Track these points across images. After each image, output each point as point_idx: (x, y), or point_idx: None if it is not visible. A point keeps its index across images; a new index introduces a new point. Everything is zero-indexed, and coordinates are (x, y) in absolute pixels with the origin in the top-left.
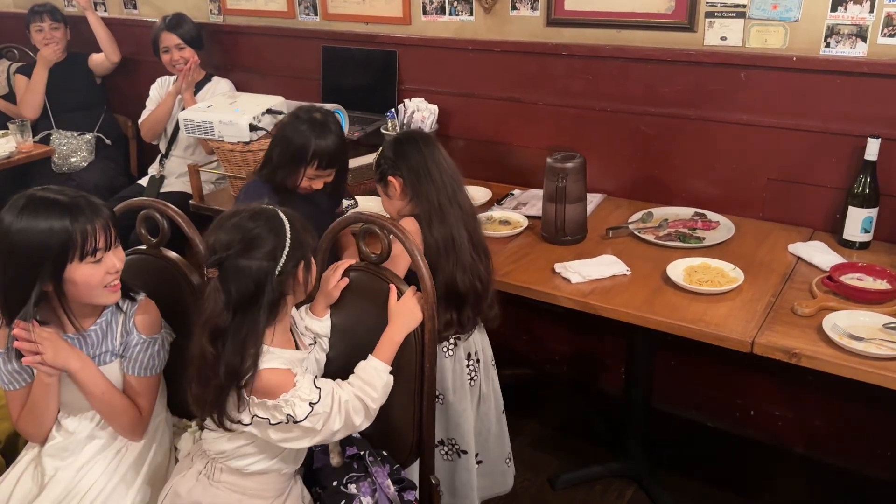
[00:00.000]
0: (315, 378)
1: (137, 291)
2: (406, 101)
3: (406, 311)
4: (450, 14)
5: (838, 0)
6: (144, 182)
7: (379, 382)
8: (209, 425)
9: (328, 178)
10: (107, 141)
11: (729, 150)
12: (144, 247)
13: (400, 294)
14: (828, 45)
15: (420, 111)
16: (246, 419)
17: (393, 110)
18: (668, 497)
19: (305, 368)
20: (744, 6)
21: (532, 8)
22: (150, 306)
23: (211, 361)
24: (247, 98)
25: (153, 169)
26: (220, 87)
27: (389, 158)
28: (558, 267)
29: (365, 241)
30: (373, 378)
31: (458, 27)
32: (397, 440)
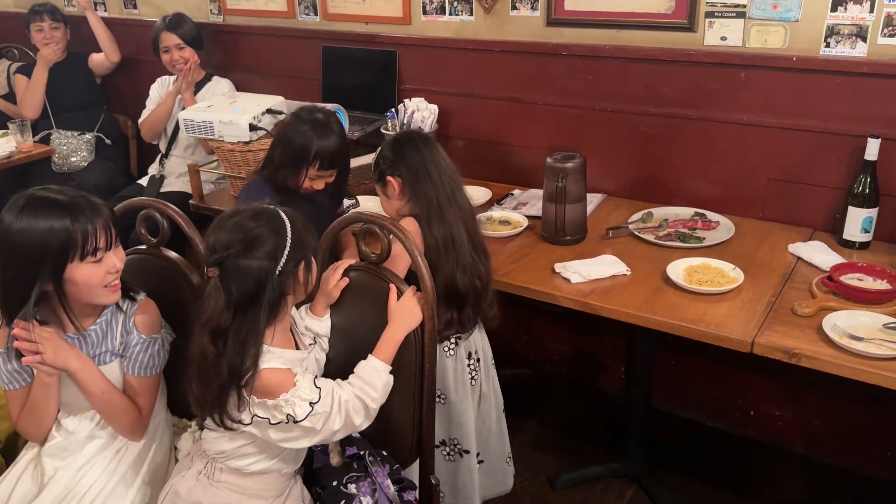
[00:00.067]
0: (315, 378)
1: (137, 291)
2: (406, 101)
3: (406, 311)
4: (450, 14)
5: (838, 0)
6: (144, 182)
7: (379, 382)
8: (209, 425)
9: (329, 179)
10: (107, 141)
11: (729, 150)
12: (144, 246)
13: (400, 294)
14: (828, 45)
15: (420, 111)
16: (246, 419)
17: (393, 110)
18: (668, 497)
19: (305, 368)
20: (744, 6)
21: (532, 8)
22: (150, 306)
23: (211, 361)
24: (247, 98)
25: (153, 169)
26: (220, 87)
27: (388, 159)
28: (558, 267)
29: (365, 241)
30: (373, 378)
31: (458, 27)
32: (397, 440)
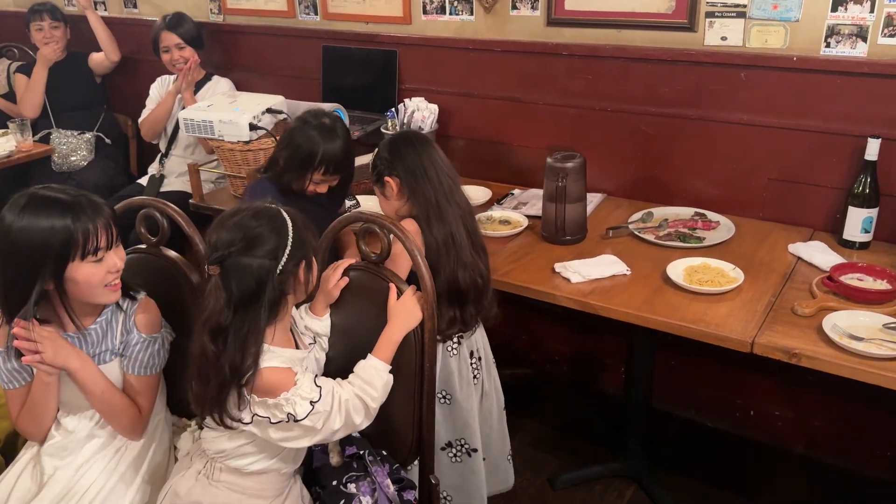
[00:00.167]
0: (315, 377)
1: (138, 290)
2: (406, 101)
3: (405, 311)
4: (450, 14)
5: (838, 0)
6: (144, 181)
7: (379, 382)
8: (209, 424)
9: (333, 183)
10: (107, 140)
11: (729, 150)
12: (144, 246)
13: (400, 293)
14: (828, 46)
15: (420, 111)
16: (246, 418)
17: (393, 110)
18: (668, 497)
19: (305, 368)
20: (744, 6)
21: (532, 8)
22: (151, 305)
23: (212, 359)
24: (247, 97)
25: (153, 168)
26: (220, 87)
27: (385, 159)
28: (558, 267)
29: (365, 241)
30: (373, 377)
31: (459, 27)
32: (397, 440)
